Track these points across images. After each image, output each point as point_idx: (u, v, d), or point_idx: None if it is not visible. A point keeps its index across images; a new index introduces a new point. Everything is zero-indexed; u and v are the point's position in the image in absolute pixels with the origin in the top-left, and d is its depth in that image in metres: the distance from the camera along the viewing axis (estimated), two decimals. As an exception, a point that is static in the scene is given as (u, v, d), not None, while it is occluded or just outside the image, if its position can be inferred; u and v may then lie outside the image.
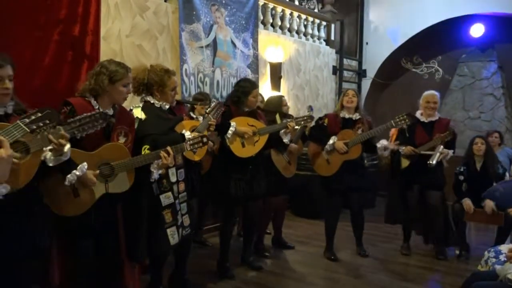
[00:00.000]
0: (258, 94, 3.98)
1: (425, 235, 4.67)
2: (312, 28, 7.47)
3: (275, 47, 6.40)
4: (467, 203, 4.34)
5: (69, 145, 2.17)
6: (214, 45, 5.38)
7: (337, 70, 7.99)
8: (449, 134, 4.27)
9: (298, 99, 7.02)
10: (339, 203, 4.40)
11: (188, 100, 4.61)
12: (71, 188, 2.39)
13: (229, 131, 3.61)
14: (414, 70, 8.28)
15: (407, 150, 4.28)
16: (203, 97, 4.33)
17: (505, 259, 2.66)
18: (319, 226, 5.31)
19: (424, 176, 4.28)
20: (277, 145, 4.16)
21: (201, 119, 3.64)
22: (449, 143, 4.31)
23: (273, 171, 4.26)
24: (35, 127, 1.96)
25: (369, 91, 8.50)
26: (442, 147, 4.20)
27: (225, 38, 5.54)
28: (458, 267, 4.24)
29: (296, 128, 4.06)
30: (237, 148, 3.68)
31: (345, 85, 8.01)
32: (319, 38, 7.65)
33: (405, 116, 4.12)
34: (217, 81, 5.45)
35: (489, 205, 4.18)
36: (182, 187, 3.13)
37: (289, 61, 6.79)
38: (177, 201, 3.07)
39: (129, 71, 2.65)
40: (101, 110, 2.53)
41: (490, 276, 2.61)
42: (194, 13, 5.05)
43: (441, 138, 4.23)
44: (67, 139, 2.12)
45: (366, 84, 8.47)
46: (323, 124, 4.39)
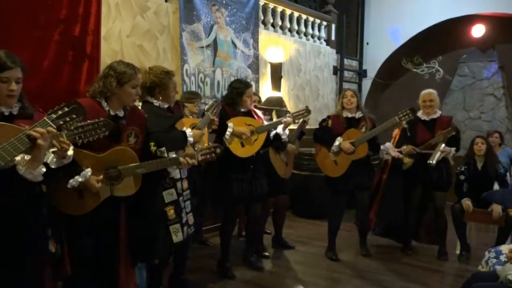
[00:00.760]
0: (252, 93, 3.94)
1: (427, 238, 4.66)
2: (312, 28, 7.47)
3: (275, 47, 6.39)
4: (467, 203, 4.34)
5: (72, 149, 2.17)
6: (214, 45, 5.37)
7: (338, 70, 7.99)
8: (451, 130, 4.21)
9: (298, 99, 7.01)
10: (343, 203, 4.39)
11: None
12: (76, 189, 2.38)
13: (227, 132, 3.61)
14: (414, 70, 8.28)
15: (408, 149, 4.28)
16: (194, 96, 4.32)
17: (506, 260, 2.66)
18: (319, 226, 5.32)
19: (428, 176, 4.25)
20: (276, 143, 4.16)
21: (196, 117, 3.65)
22: (452, 141, 4.26)
23: (271, 171, 4.24)
24: (61, 123, 1.96)
25: (369, 91, 8.51)
26: (443, 146, 4.17)
27: (226, 38, 5.54)
28: (458, 267, 4.24)
29: (295, 122, 4.04)
30: (236, 148, 3.68)
31: (346, 85, 8.02)
32: (319, 38, 7.65)
33: (408, 111, 4.10)
34: (218, 81, 5.44)
35: (496, 209, 4.17)
36: (185, 184, 3.12)
37: (290, 61, 6.79)
38: (181, 198, 3.07)
39: (138, 72, 2.60)
40: (111, 111, 2.53)
41: (490, 277, 2.61)
42: (194, 13, 5.05)
43: (443, 134, 4.19)
44: (69, 145, 2.11)
45: (366, 84, 8.48)
46: (327, 125, 4.37)
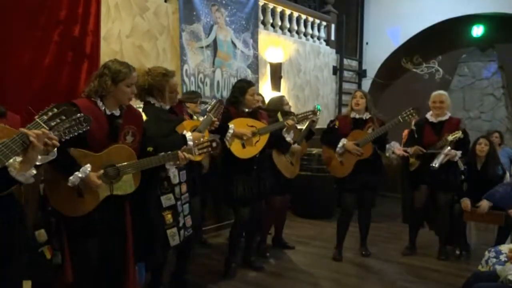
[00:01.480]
0: (255, 92, 3.95)
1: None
2: (312, 28, 7.46)
3: (275, 47, 6.39)
4: (466, 202, 4.33)
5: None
6: (214, 46, 5.38)
7: (337, 70, 7.99)
8: (458, 133, 4.17)
9: (298, 100, 7.01)
10: (352, 202, 4.36)
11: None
12: (75, 188, 2.38)
13: (228, 133, 3.62)
14: (414, 70, 8.28)
15: (414, 150, 4.28)
16: (194, 95, 4.30)
17: (506, 259, 2.67)
18: (320, 226, 5.32)
19: (434, 177, 4.24)
20: (280, 145, 4.16)
21: (201, 119, 3.63)
22: (459, 144, 4.22)
23: (275, 171, 4.24)
24: (53, 124, 1.95)
25: (369, 91, 8.45)
26: (448, 148, 4.14)
27: (225, 38, 5.54)
28: (458, 267, 4.24)
29: (297, 124, 4.04)
30: (237, 149, 3.68)
31: (345, 85, 8.02)
32: (319, 38, 7.65)
33: (411, 110, 4.11)
34: (217, 82, 5.44)
35: (483, 205, 4.16)
36: (184, 188, 3.12)
37: (289, 61, 6.79)
38: (179, 202, 3.07)
39: (133, 71, 2.59)
40: (107, 111, 2.53)
41: (491, 276, 2.61)
42: (194, 13, 5.05)
43: (448, 139, 4.14)
44: (57, 141, 2.08)
45: (366, 84, 8.47)
46: (334, 126, 4.37)
